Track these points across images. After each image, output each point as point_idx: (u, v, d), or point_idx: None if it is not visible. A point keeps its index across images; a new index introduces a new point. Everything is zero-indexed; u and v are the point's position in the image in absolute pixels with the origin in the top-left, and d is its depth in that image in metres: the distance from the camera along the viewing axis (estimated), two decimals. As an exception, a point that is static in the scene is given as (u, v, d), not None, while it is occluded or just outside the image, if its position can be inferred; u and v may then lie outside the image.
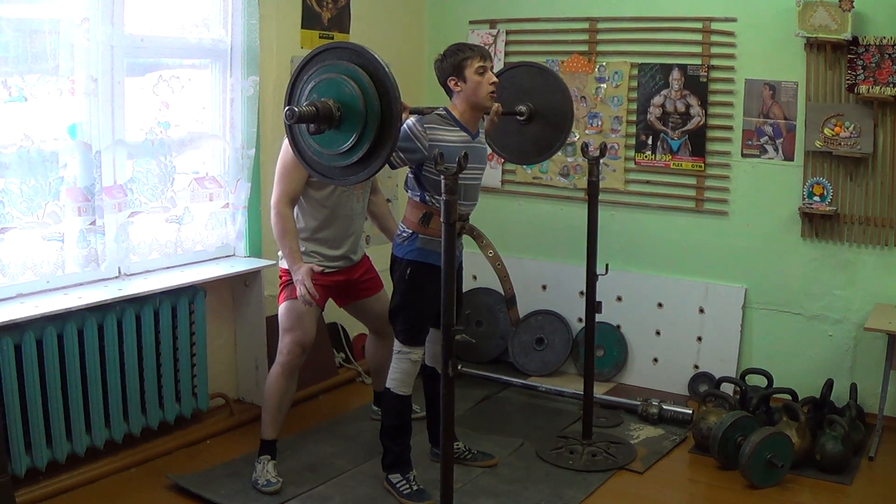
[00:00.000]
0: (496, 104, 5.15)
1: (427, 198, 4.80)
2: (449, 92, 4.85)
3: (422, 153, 4.67)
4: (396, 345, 4.98)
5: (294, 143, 4.01)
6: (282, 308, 5.19)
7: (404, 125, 4.67)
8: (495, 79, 4.85)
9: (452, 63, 4.76)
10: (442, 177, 3.92)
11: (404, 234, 4.89)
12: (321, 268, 5.12)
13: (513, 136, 5.71)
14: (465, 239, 4.77)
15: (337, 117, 3.78)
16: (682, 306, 6.70)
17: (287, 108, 3.81)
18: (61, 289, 5.04)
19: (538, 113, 5.60)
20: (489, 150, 5.33)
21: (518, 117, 5.60)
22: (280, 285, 5.24)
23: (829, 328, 6.24)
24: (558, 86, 5.66)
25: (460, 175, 4.00)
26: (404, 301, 4.93)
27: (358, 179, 3.96)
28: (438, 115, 4.80)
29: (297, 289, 4.93)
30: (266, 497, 4.91)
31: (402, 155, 4.67)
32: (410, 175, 4.86)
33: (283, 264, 5.14)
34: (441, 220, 3.99)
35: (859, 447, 5.56)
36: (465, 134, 4.82)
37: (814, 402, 5.73)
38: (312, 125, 3.80)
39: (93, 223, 5.12)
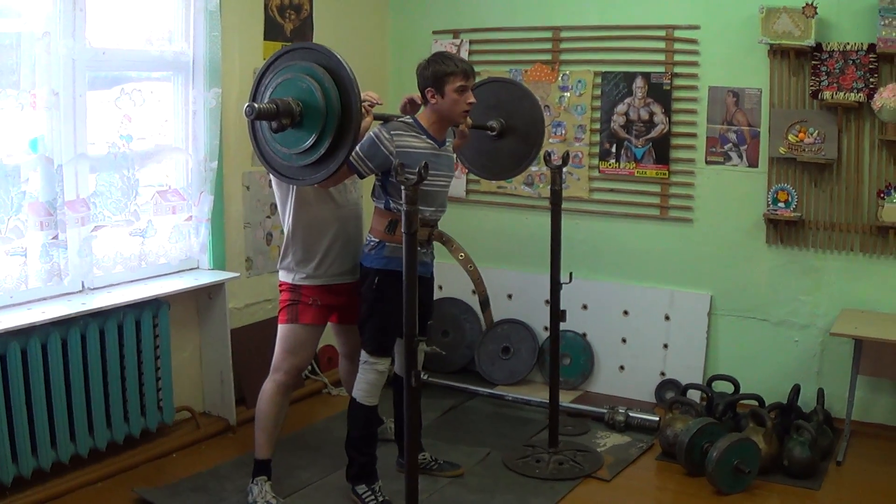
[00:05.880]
0: (467, 120, 5.10)
1: (392, 205, 4.74)
2: (424, 98, 4.82)
3: (389, 159, 4.61)
4: (363, 355, 4.93)
5: (255, 141, 4.03)
6: (285, 329, 5.04)
7: (370, 132, 4.67)
8: (473, 99, 4.82)
9: (434, 73, 4.71)
10: (403, 187, 3.90)
11: (372, 244, 4.84)
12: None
13: (487, 154, 5.68)
14: (438, 248, 4.75)
15: (297, 112, 3.78)
16: (648, 314, 6.73)
17: (247, 104, 3.80)
18: (24, 304, 5.00)
19: (510, 127, 5.56)
20: (455, 160, 5.31)
21: (489, 132, 5.54)
22: (281, 303, 5.10)
23: (796, 334, 6.27)
24: (525, 94, 5.65)
25: (428, 182, 3.99)
26: (371, 311, 4.88)
27: (317, 179, 3.95)
28: (404, 122, 4.78)
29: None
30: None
31: (368, 163, 4.65)
32: (377, 183, 4.84)
33: (284, 277, 5.06)
34: (402, 230, 3.97)
35: (827, 452, 5.59)
36: (431, 142, 4.79)
37: (781, 407, 5.75)
38: (274, 122, 3.80)
39: (55, 237, 5.07)
